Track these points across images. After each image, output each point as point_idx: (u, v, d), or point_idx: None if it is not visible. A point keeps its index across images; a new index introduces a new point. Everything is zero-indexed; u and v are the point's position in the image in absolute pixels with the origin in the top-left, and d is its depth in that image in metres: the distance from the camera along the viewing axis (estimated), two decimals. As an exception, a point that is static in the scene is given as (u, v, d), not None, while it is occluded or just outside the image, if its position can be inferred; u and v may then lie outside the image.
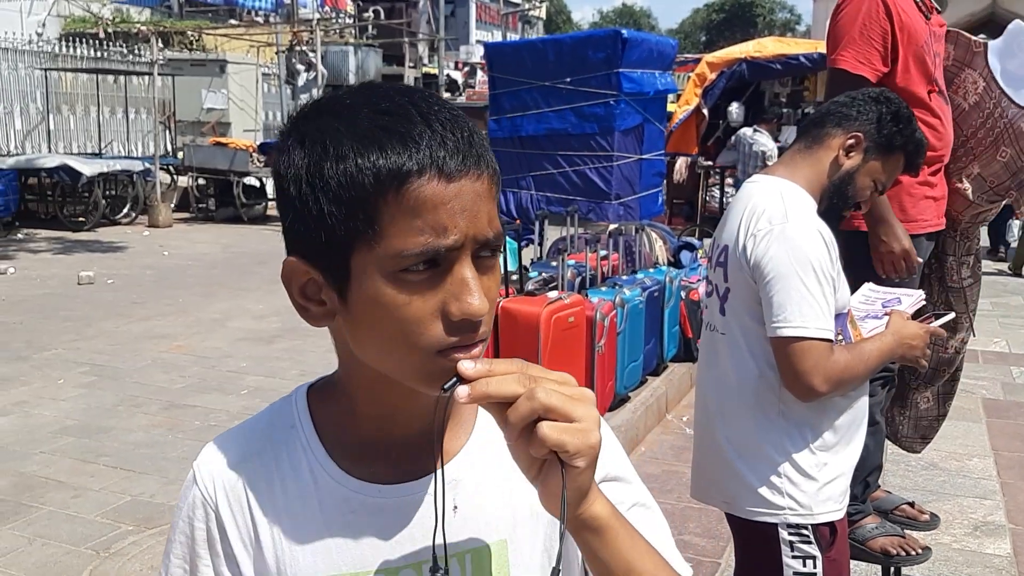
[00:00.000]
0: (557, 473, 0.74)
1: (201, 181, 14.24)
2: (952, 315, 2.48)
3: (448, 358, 0.78)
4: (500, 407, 0.74)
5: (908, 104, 2.74)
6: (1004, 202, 3.21)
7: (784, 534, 1.90)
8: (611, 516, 0.80)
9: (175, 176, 14.66)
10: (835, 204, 2.04)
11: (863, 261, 2.66)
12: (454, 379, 0.73)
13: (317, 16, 19.03)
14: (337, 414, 0.90)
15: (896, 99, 2.07)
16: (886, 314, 2.10)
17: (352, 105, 0.80)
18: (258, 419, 0.95)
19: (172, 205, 13.88)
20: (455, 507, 0.88)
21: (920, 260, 2.93)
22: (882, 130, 2.01)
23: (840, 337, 1.95)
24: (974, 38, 3.15)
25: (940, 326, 2.14)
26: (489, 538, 0.89)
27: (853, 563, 3.08)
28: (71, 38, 15.68)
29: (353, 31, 21.53)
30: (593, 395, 0.76)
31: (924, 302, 2.27)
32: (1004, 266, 11.23)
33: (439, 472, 0.82)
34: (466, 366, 0.73)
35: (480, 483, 0.89)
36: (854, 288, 2.22)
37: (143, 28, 17.76)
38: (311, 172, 0.78)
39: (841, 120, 2.03)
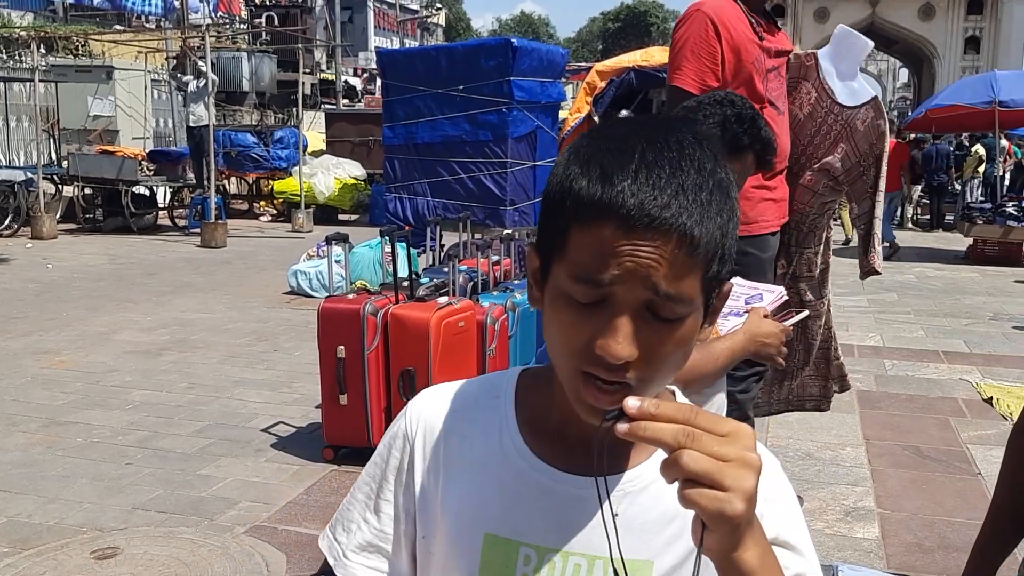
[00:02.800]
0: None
1: (88, 191, 13.78)
2: (806, 313, 2.62)
3: (587, 386, 0.82)
4: None
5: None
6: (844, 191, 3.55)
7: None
8: (759, 564, 0.77)
9: (60, 186, 14.14)
10: None
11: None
12: (618, 411, 0.74)
13: (208, 22, 18.62)
14: (537, 395, 0.97)
15: (740, 100, 2.17)
16: (747, 311, 2.20)
17: (611, 134, 0.84)
18: (472, 382, 1.04)
19: (57, 216, 13.38)
20: (616, 514, 0.87)
21: (771, 258, 3.12)
22: (727, 132, 2.10)
23: (695, 334, 2.04)
24: (805, 53, 3.39)
25: (793, 323, 2.26)
26: (638, 554, 0.90)
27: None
28: (-55, 43, 14.98)
29: (247, 37, 21.15)
30: (757, 460, 0.73)
31: (785, 298, 2.38)
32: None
33: (600, 492, 0.82)
34: (631, 403, 0.73)
35: (647, 499, 0.91)
36: None
37: (24, 33, 17.08)
38: (554, 174, 0.85)
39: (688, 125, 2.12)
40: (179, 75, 13.76)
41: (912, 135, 17.31)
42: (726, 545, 0.74)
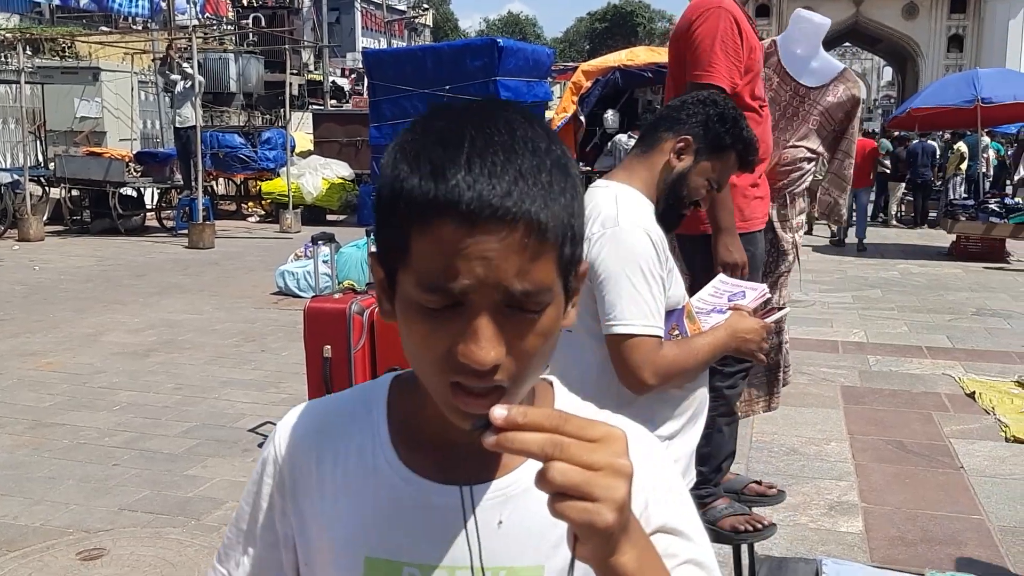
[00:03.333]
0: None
1: (75, 192, 13.72)
2: (787, 310, 2.66)
3: (458, 395, 0.79)
4: None
5: (743, 110, 2.95)
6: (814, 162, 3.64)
7: (622, 518, 2.00)
8: (637, 567, 0.73)
9: (47, 188, 14.08)
10: (671, 205, 2.15)
11: (705, 263, 2.83)
12: (485, 420, 0.70)
13: (195, 23, 18.58)
14: (409, 405, 0.92)
15: (723, 101, 2.20)
16: (730, 308, 2.23)
17: (434, 125, 0.80)
18: (343, 396, 1.00)
19: (44, 218, 13.33)
20: (500, 522, 0.87)
21: (763, 254, 3.15)
22: (710, 131, 2.13)
23: (676, 332, 2.07)
24: (764, 42, 3.46)
25: (774, 320, 2.29)
26: (526, 561, 0.87)
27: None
28: (-71, 45, 14.91)
29: (234, 38, 21.10)
30: (628, 467, 0.70)
31: (768, 295, 2.41)
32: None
33: (465, 503, 0.82)
34: (497, 413, 0.69)
35: (531, 503, 0.85)
36: (698, 288, 2.35)
37: (9, 35, 17.01)
38: (383, 177, 0.80)
39: (672, 124, 2.15)
40: (167, 71, 13.68)
41: (896, 132, 17.41)
42: (600, 553, 0.71)
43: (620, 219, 1.98)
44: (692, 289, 2.35)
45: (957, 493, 4.24)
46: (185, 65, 13.32)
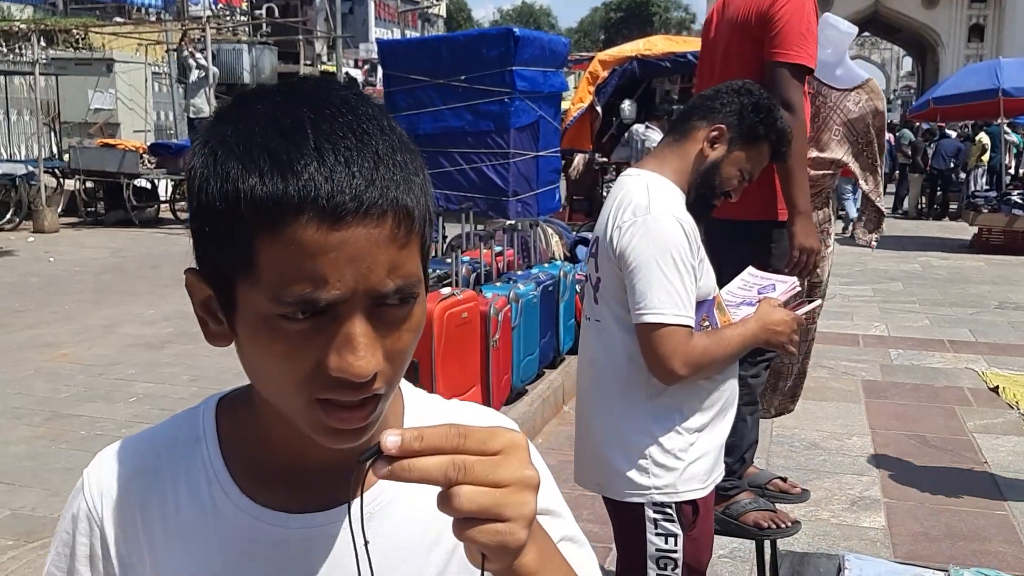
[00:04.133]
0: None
1: (89, 184, 13.76)
2: (819, 302, 2.61)
3: (328, 413, 0.70)
4: None
5: (800, 95, 2.90)
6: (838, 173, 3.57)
7: (650, 512, 1.97)
8: (539, 565, 0.70)
9: (61, 179, 14.12)
10: (703, 194, 2.11)
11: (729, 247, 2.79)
12: (375, 449, 0.63)
13: (208, 13, 18.58)
14: (246, 432, 0.83)
15: (758, 90, 2.15)
16: (760, 300, 2.19)
17: (254, 114, 0.70)
18: (160, 429, 0.87)
19: (59, 209, 13.37)
20: (367, 541, 0.77)
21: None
22: (744, 121, 2.08)
23: (706, 323, 2.03)
24: None
25: (805, 312, 2.25)
26: None
27: (728, 539, 3.20)
28: (-55, 37, 14.97)
29: (247, 29, 21.11)
30: (535, 477, 0.66)
31: (798, 288, 2.36)
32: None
33: (358, 540, 0.72)
34: (390, 441, 0.62)
35: (399, 516, 0.81)
36: (732, 274, 2.31)
37: (23, 26, 17.05)
38: (201, 185, 0.69)
39: (706, 113, 2.11)
40: (186, 56, 13.63)
41: (919, 125, 17.26)
42: (508, 564, 0.67)
43: (652, 207, 1.94)
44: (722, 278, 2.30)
45: (981, 488, 4.18)
46: (199, 56, 13.31)
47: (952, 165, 16.17)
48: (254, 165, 0.66)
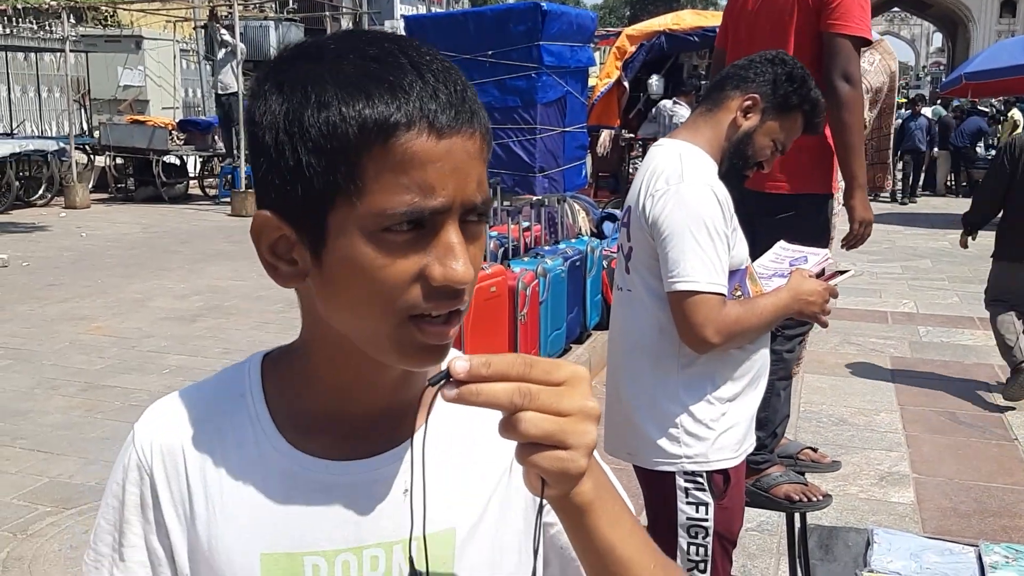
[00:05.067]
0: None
1: (119, 160, 13.89)
2: (852, 272, 2.60)
3: (421, 329, 0.74)
4: None
5: (859, 67, 2.89)
6: None
7: (680, 481, 1.98)
8: (595, 495, 0.72)
9: (92, 156, 14.26)
10: (735, 164, 2.10)
11: (770, 222, 2.79)
12: (443, 374, 0.65)
13: (236, -10, 18.57)
14: (291, 384, 0.85)
15: (791, 60, 2.14)
16: (792, 272, 2.19)
17: (337, 50, 0.74)
18: (207, 383, 0.90)
19: (90, 185, 13.51)
20: (405, 490, 0.81)
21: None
22: (778, 91, 2.07)
23: (739, 292, 2.03)
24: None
25: (839, 283, 2.24)
26: (438, 526, 0.82)
27: (757, 512, 3.22)
28: (-24, 14, 15.10)
29: (273, 5, 21.10)
30: (596, 408, 0.68)
31: (831, 260, 2.36)
32: None
33: (416, 459, 0.74)
34: (459, 366, 0.64)
35: (435, 465, 0.80)
36: (766, 246, 2.31)
37: (54, 3, 17.16)
38: (290, 120, 0.72)
39: (739, 83, 2.10)
40: (217, 31, 13.62)
41: (954, 102, 17.03)
42: (566, 491, 0.70)
43: (685, 175, 1.94)
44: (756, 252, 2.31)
45: (1011, 465, 4.17)
46: (224, 32, 13.34)
47: (969, 144, 15.96)
48: (358, 91, 0.70)
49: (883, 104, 3.57)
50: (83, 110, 15.60)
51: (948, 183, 17.20)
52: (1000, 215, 5.28)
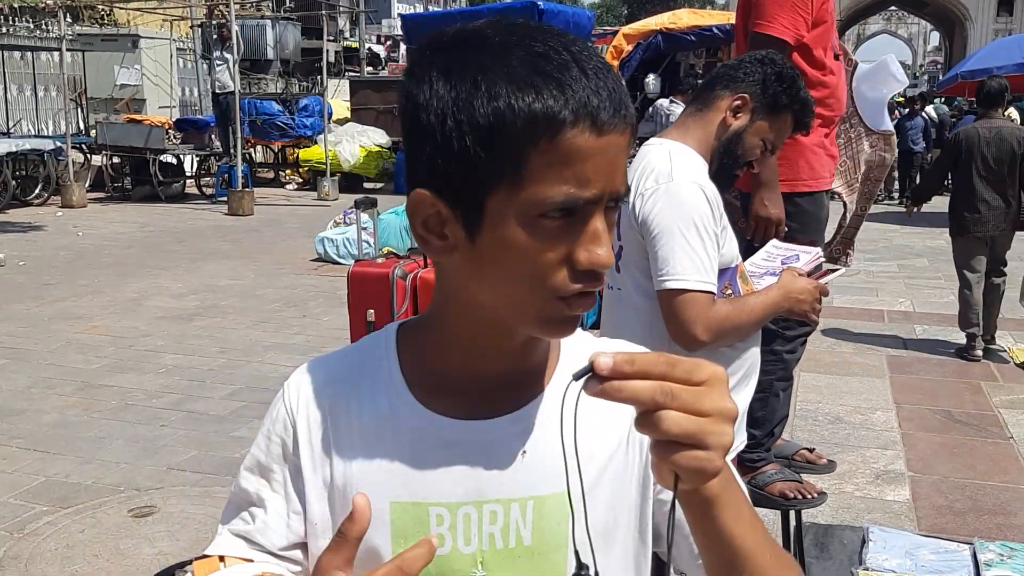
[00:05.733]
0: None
1: (116, 159, 13.88)
2: (842, 271, 2.61)
3: (568, 305, 0.80)
4: None
5: (811, 65, 2.88)
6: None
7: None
8: (721, 488, 0.76)
9: (88, 155, 14.25)
10: (725, 164, 2.11)
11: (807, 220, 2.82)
12: (587, 368, 0.68)
13: (232, -11, 18.55)
14: (423, 348, 0.92)
15: (781, 60, 2.15)
16: (783, 271, 2.20)
17: (503, 43, 0.78)
18: (349, 349, 0.99)
19: (86, 185, 13.51)
20: (524, 452, 0.88)
21: (827, 216, 3.11)
22: (767, 90, 2.08)
23: (729, 291, 2.04)
24: (849, 54, 3.41)
25: (829, 282, 2.25)
26: (550, 488, 0.87)
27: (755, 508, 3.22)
28: (-27, 13, 15.08)
29: (270, 4, 21.08)
30: (734, 409, 0.70)
31: (822, 259, 2.37)
32: None
33: (568, 449, 0.75)
34: (603, 362, 0.66)
35: (548, 432, 0.87)
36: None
37: (50, 2, 17.14)
38: (459, 107, 0.76)
39: (729, 82, 2.10)
40: (212, 32, 13.64)
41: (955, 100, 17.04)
42: (699, 487, 0.73)
43: (674, 174, 1.95)
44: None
45: (1006, 463, 4.18)
46: (221, 31, 13.33)
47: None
48: (528, 85, 0.75)
49: (863, 189, 3.64)
50: (80, 109, 15.59)
51: (946, 182, 17.21)
52: (950, 197, 6.02)
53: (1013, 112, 16.28)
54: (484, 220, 0.79)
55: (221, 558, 0.94)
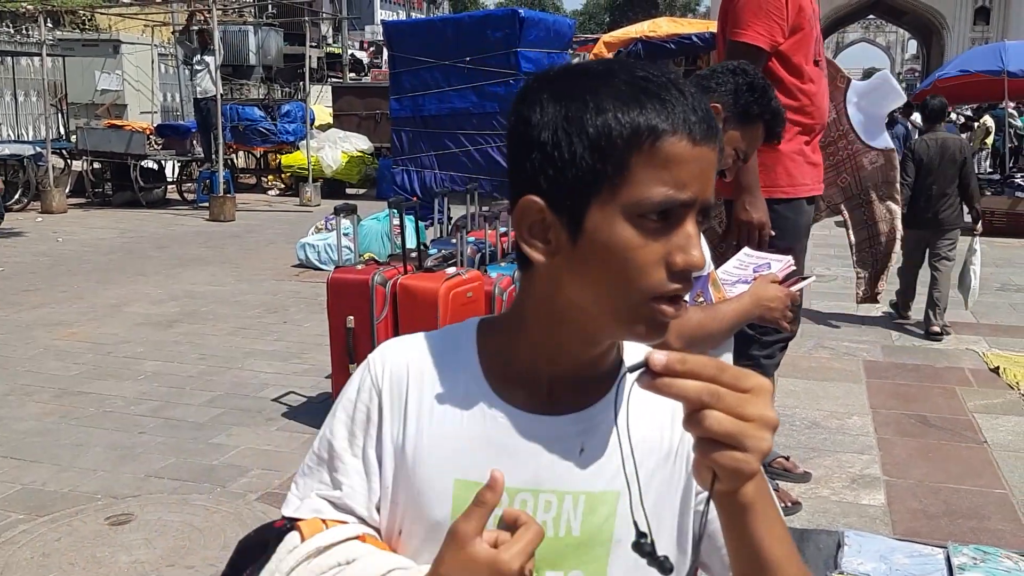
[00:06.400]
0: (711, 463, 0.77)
1: (96, 165, 13.79)
2: (813, 279, 2.64)
3: (659, 305, 0.86)
4: None
5: (789, 72, 2.92)
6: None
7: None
8: (756, 496, 0.82)
9: (69, 160, 14.16)
10: None
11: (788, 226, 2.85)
12: (641, 363, 0.73)
13: (214, -5, 18.51)
14: (500, 343, 0.99)
15: (752, 70, 2.18)
16: (755, 279, 2.22)
17: (607, 70, 0.88)
18: (435, 334, 1.06)
19: (67, 190, 13.41)
20: (582, 450, 0.94)
21: (808, 224, 3.14)
22: (739, 100, 2.12)
23: (701, 299, 2.06)
24: (842, 72, 3.44)
25: (799, 289, 2.28)
26: (603, 486, 0.94)
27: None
28: (-49, 17, 14.98)
29: (253, 10, 21.05)
30: (775, 418, 0.76)
31: (793, 267, 2.40)
32: None
33: (622, 434, 0.85)
34: (657, 359, 0.73)
35: (606, 433, 0.95)
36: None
37: (31, 7, 17.04)
38: (569, 120, 0.86)
39: (701, 92, 2.13)
40: (187, 42, 13.63)
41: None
42: (735, 489, 0.79)
43: None
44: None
45: (980, 467, 4.22)
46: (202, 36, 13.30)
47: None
48: (633, 101, 0.85)
49: (868, 199, 3.67)
50: (60, 114, 15.51)
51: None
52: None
53: (989, 120, 16.48)
54: (586, 223, 0.86)
55: (324, 521, 0.99)
